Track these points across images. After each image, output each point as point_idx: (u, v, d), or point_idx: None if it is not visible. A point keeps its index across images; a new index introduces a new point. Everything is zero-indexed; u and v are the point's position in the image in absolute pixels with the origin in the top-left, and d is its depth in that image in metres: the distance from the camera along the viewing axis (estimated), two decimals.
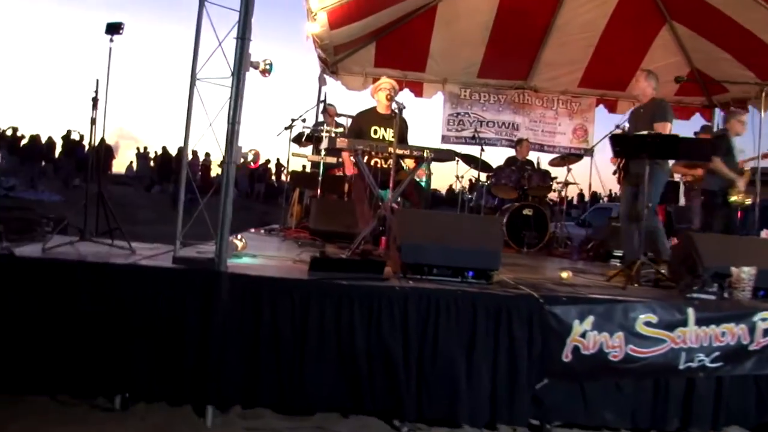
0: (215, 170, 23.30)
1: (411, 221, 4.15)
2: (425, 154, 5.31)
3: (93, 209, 4.51)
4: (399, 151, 5.22)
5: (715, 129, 10.14)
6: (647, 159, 5.01)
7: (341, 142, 5.20)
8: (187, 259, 3.79)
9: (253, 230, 7.73)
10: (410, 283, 3.91)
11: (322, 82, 9.44)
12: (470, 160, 8.77)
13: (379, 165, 5.71)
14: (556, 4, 8.83)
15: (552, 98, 10.36)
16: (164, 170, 23.26)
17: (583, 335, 3.88)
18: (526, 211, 8.27)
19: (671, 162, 7.77)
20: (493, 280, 4.22)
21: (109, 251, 4.26)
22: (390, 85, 6.00)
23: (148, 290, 3.63)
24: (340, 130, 7.87)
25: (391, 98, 5.85)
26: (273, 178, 25.72)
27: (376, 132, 5.97)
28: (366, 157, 5.51)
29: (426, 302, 3.71)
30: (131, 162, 26.25)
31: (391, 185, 5.23)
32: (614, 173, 5.96)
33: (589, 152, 9.32)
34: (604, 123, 10.67)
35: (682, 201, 9.87)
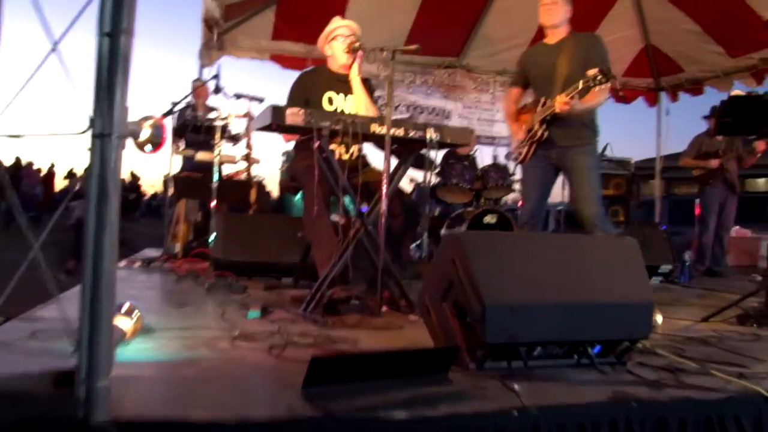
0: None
1: (489, 257, 2.06)
2: (430, 136, 3.25)
3: None
4: (393, 131, 3.12)
5: (664, 115, 8.94)
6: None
7: (294, 116, 3.00)
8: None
9: (123, 263, 5.28)
10: (516, 387, 1.84)
11: (205, 59, 7.08)
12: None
13: (339, 156, 3.58)
14: None
15: (487, 80, 8.59)
16: None
17: None
18: (488, 219, 6.41)
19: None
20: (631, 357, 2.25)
21: None
22: (349, 30, 3.89)
23: None
24: (213, 116, 5.64)
25: (352, 48, 3.75)
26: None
27: (331, 101, 3.81)
28: (315, 144, 3.27)
29: None
30: None
31: (384, 188, 3.10)
32: (517, 155, 4.15)
33: None
34: None
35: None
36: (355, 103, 3.80)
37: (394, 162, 4.24)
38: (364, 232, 3.25)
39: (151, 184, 24.73)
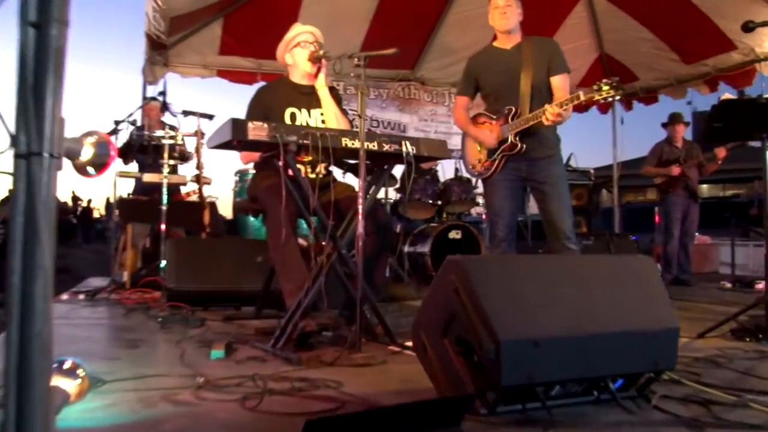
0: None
1: (498, 284, 1.79)
2: (406, 150, 2.98)
3: None
4: (367, 145, 2.84)
5: (618, 124, 8.88)
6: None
7: (258, 130, 2.68)
8: None
9: (65, 295, 4.86)
10: None
11: (149, 76, 6.68)
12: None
13: (305, 174, 3.26)
14: None
15: (442, 92, 8.42)
16: None
17: None
18: (453, 234, 6.18)
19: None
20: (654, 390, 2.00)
21: None
22: (312, 36, 3.58)
23: None
24: (160, 134, 5.26)
25: (316, 57, 3.46)
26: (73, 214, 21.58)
27: (294, 117, 3.49)
28: (281, 161, 2.94)
29: None
30: None
31: (360, 208, 2.81)
32: (483, 169, 3.84)
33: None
34: None
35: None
36: (325, 116, 3.50)
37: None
38: (337, 257, 2.94)
39: (94, 206, 23.70)
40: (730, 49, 6.94)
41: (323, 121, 3.47)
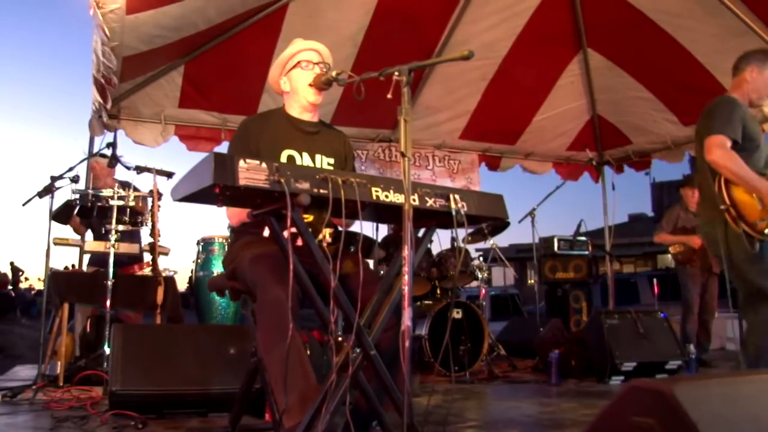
0: None
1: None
2: (456, 207, 2.15)
3: None
4: (413, 201, 2.01)
5: (610, 191, 8.22)
6: None
7: (253, 172, 1.79)
8: None
9: None
10: None
11: (96, 130, 5.76)
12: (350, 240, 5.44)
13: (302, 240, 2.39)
14: (452, 13, 6.25)
15: (426, 155, 7.67)
16: None
17: None
18: (454, 314, 5.34)
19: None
20: None
21: None
22: (318, 56, 2.78)
23: None
24: (107, 193, 4.38)
25: (323, 82, 2.64)
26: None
27: (292, 162, 2.64)
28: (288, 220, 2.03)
29: None
30: None
31: (406, 287, 1.94)
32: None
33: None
34: (489, 184, 8.30)
35: None
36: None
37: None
38: (362, 360, 2.05)
39: (39, 277, 21.90)
40: None
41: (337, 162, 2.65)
